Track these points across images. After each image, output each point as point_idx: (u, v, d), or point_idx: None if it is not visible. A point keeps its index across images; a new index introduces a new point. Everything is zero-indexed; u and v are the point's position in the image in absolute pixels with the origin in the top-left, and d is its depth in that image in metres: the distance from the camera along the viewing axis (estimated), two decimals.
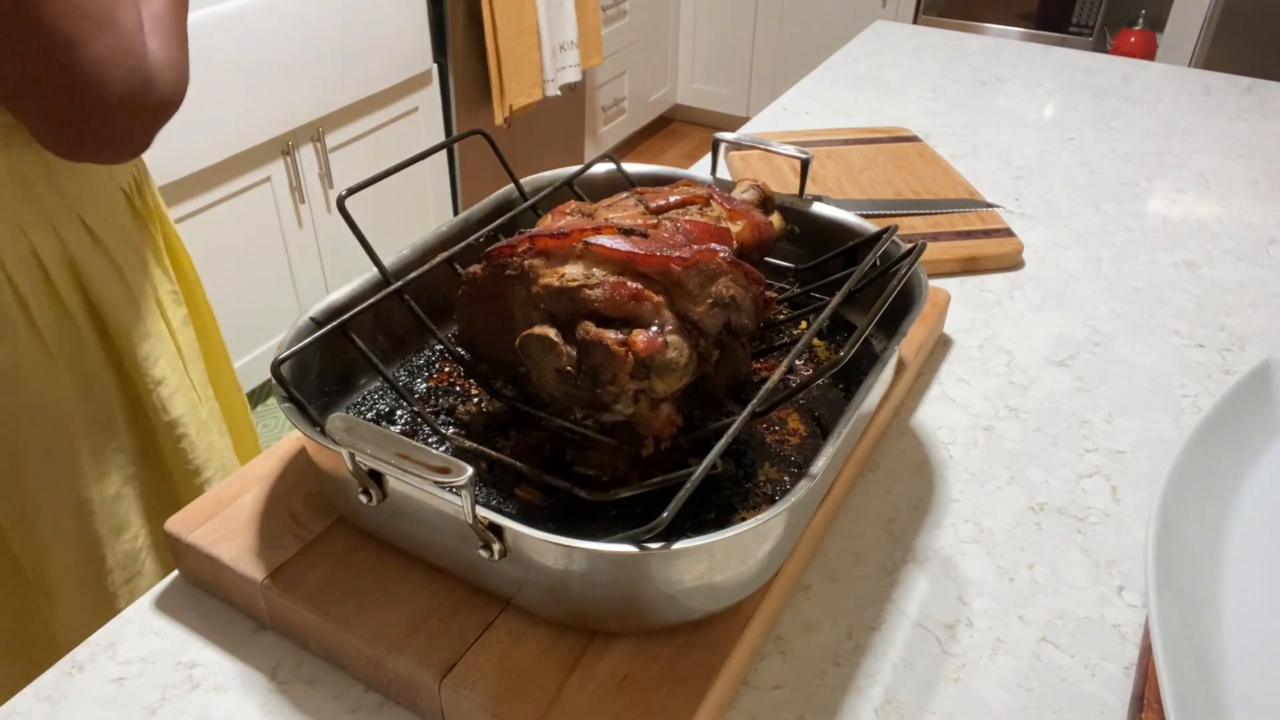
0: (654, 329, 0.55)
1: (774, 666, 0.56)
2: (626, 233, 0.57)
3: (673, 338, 0.55)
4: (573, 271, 0.56)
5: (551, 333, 0.56)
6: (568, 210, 0.64)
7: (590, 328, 0.54)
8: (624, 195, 0.68)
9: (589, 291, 0.55)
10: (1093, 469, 0.72)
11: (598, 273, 0.56)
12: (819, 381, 0.69)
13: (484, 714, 0.50)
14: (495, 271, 0.60)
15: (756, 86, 3.51)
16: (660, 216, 0.63)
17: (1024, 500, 0.69)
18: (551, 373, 0.57)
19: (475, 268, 0.62)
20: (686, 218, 0.63)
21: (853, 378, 0.71)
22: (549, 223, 0.63)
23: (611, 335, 0.54)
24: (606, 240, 0.56)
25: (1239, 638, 0.56)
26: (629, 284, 0.55)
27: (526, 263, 0.58)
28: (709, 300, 0.57)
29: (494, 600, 0.55)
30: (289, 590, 0.55)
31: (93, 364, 0.77)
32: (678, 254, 0.56)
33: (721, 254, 0.58)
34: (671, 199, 0.66)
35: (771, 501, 0.61)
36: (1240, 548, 0.61)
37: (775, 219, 0.75)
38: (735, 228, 0.66)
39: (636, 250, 0.56)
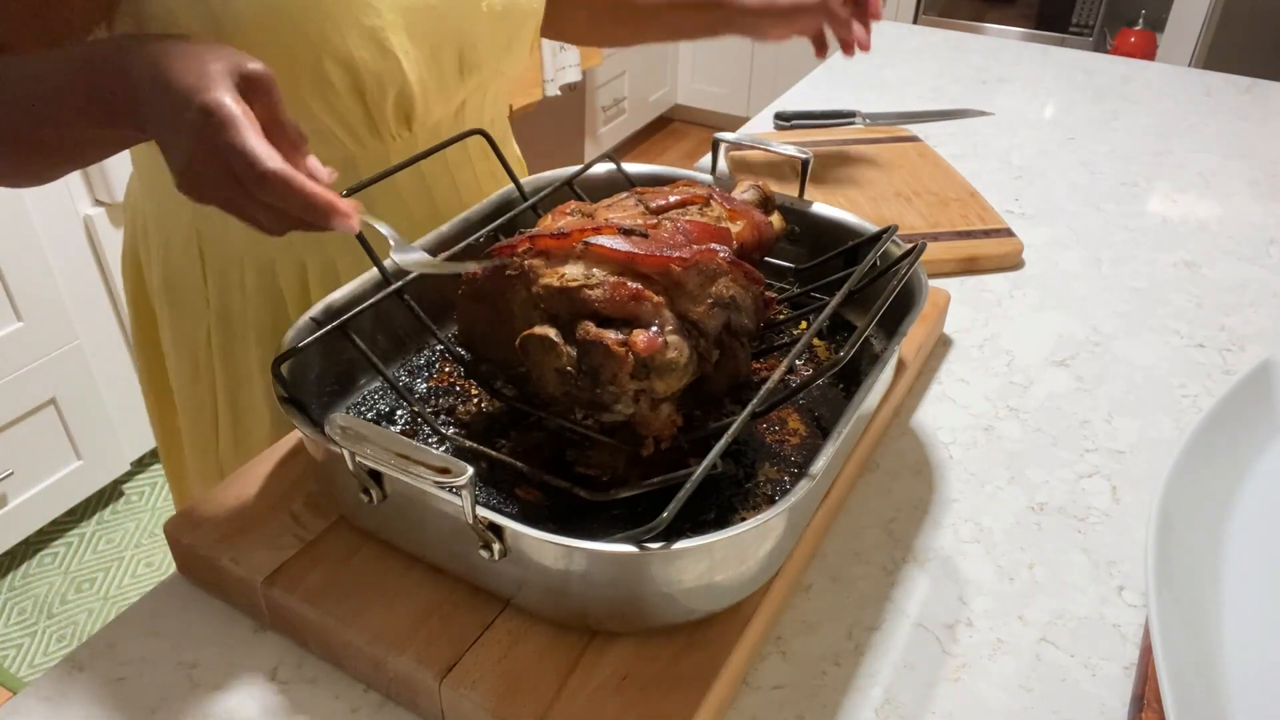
0: (654, 329, 0.55)
1: (774, 666, 0.56)
2: (626, 233, 0.57)
3: (673, 338, 0.55)
4: (573, 272, 0.56)
5: (551, 333, 0.56)
6: (568, 210, 0.64)
7: (590, 328, 0.54)
8: (624, 195, 0.68)
9: (589, 292, 0.55)
10: (1093, 469, 0.72)
11: (598, 273, 0.56)
12: (819, 381, 0.69)
13: (484, 714, 0.50)
14: (495, 271, 0.60)
15: (756, 86, 3.51)
16: (660, 216, 0.63)
17: (1024, 500, 0.69)
18: (551, 373, 0.57)
19: (477, 266, 0.62)
20: (686, 218, 0.63)
21: (853, 378, 0.71)
22: (549, 223, 0.63)
23: (611, 335, 0.54)
24: (606, 240, 0.56)
25: (1239, 638, 0.56)
26: (629, 284, 0.55)
27: (526, 263, 0.58)
28: (709, 300, 0.57)
29: (494, 600, 0.55)
30: (289, 590, 0.55)
31: None
32: (678, 254, 0.56)
33: (721, 254, 0.58)
34: (671, 199, 0.66)
35: (771, 501, 0.61)
36: (1240, 548, 0.61)
37: (775, 219, 0.75)
38: (735, 228, 0.66)
39: (636, 250, 0.56)
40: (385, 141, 0.79)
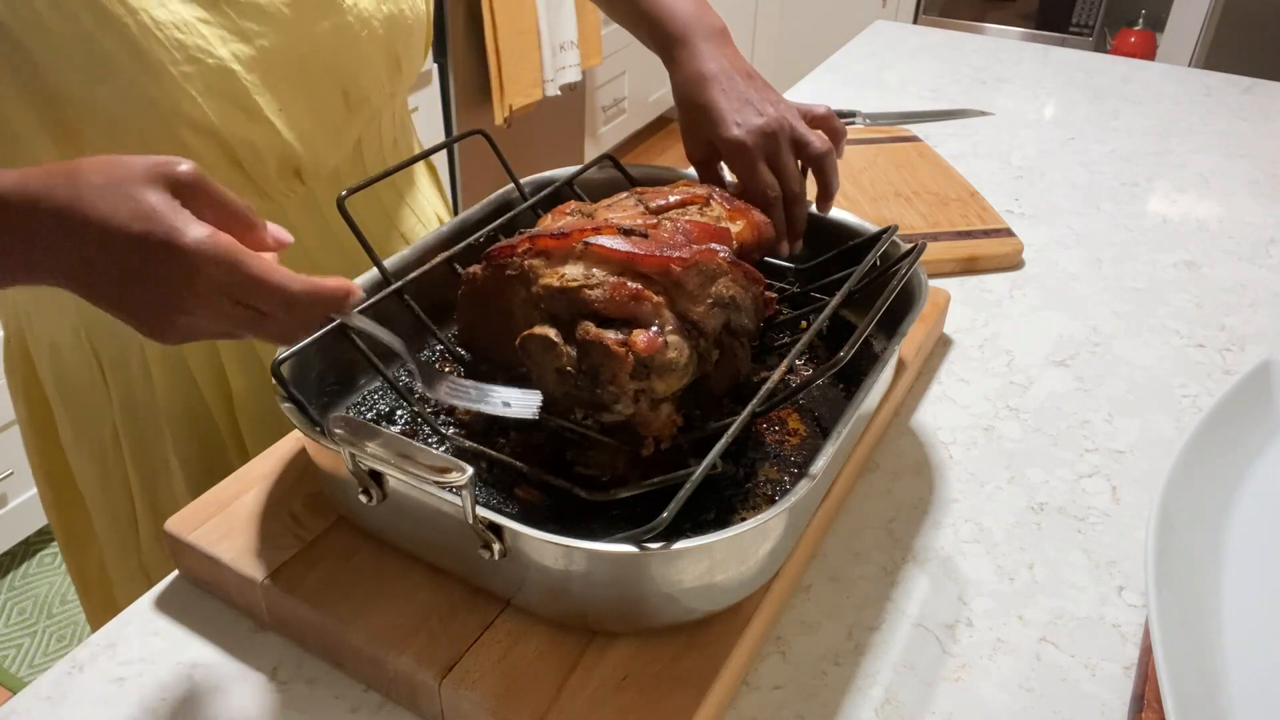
0: (654, 329, 0.55)
1: (774, 666, 0.56)
2: (626, 233, 0.57)
3: (673, 338, 0.55)
4: (573, 272, 0.56)
5: (551, 333, 0.56)
6: (568, 210, 0.64)
7: (590, 328, 0.54)
8: (624, 195, 0.68)
9: (589, 292, 0.55)
10: (1093, 469, 0.72)
11: (598, 273, 0.56)
12: (819, 381, 0.69)
13: (484, 714, 0.50)
14: (495, 272, 0.60)
15: None
16: (660, 216, 0.63)
17: (1024, 500, 0.69)
18: (551, 373, 0.57)
19: (475, 268, 0.62)
20: (686, 218, 0.63)
21: (853, 378, 0.71)
22: (549, 223, 0.63)
23: (611, 335, 0.54)
24: (606, 240, 0.56)
25: (1239, 638, 0.56)
26: (629, 284, 0.55)
27: (526, 263, 0.58)
28: (709, 300, 0.57)
29: (494, 600, 0.55)
30: (289, 590, 0.55)
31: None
32: (678, 254, 0.56)
33: (721, 254, 0.58)
34: (671, 199, 0.66)
35: (771, 501, 0.60)
36: (1240, 548, 0.61)
37: None
38: (735, 228, 0.66)
39: (636, 250, 0.56)
40: (277, 200, 0.73)
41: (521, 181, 0.79)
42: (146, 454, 0.80)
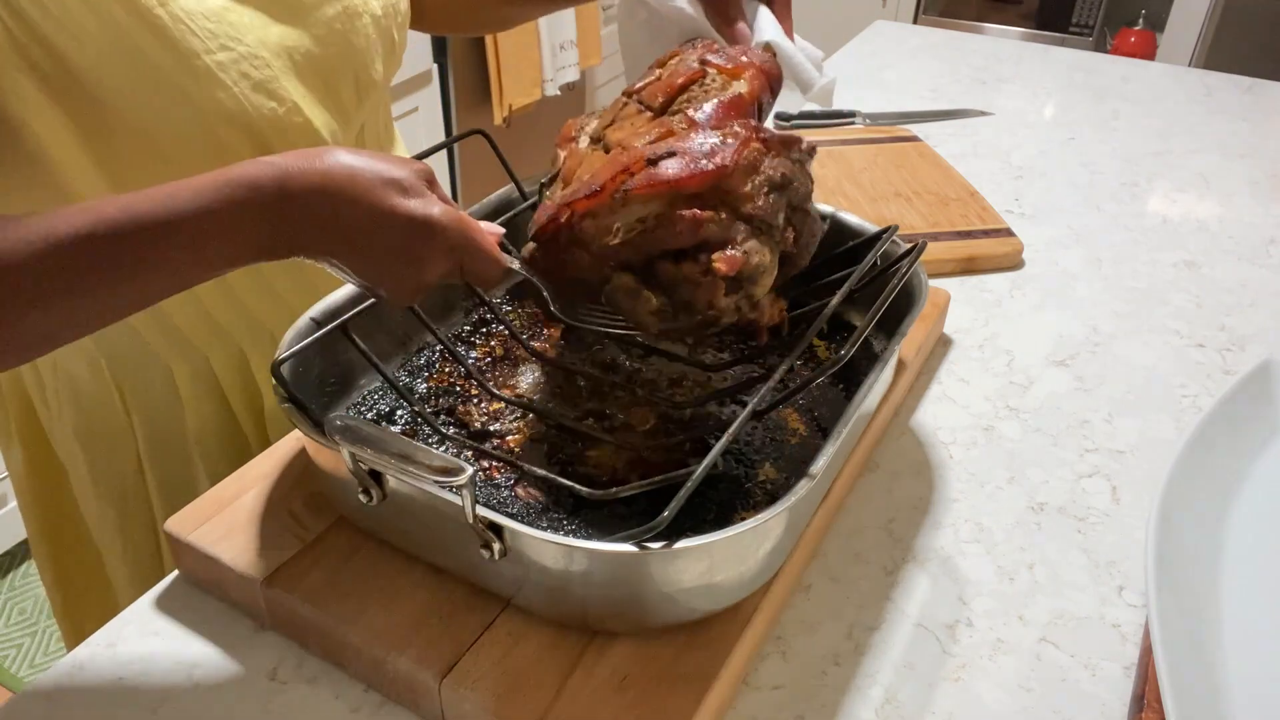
0: (729, 249, 0.54)
1: (774, 666, 0.56)
2: (654, 162, 0.55)
3: (749, 244, 0.54)
4: (625, 221, 0.55)
5: (631, 280, 0.56)
6: (573, 134, 0.63)
7: (668, 267, 0.54)
8: (621, 103, 0.65)
9: (650, 235, 0.54)
10: (1093, 469, 0.72)
11: (649, 212, 0.55)
12: (819, 381, 0.69)
13: (484, 714, 0.50)
14: (548, 249, 0.59)
15: None
16: (668, 114, 0.61)
17: (1024, 500, 0.69)
18: (646, 315, 0.57)
19: (530, 247, 0.61)
20: (694, 105, 0.60)
21: (853, 378, 0.71)
22: (566, 165, 0.61)
23: (693, 267, 0.54)
24: (643, 179, 0.54)
25: (1239, 638, 0.56)
26: (684, 214, 0.54)
27: (578, 229, 0.56)
28: (764, 191, 0.56)
29: (494, 600, 0.55)
30: (289, 590, 0.55)
31: None
32: (715, 163, 0.54)
33: (755, 139, 0.56)
34: (675, 83, 0.62)
35: (771, 501, 0.60)
36: (1240, 548, 0.61)
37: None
38: (743, 86, 0.62)
39: (677, 175, 0.54)
40: None
41: (521, 181, 0.79)
42: (173, 483, 0.78)
